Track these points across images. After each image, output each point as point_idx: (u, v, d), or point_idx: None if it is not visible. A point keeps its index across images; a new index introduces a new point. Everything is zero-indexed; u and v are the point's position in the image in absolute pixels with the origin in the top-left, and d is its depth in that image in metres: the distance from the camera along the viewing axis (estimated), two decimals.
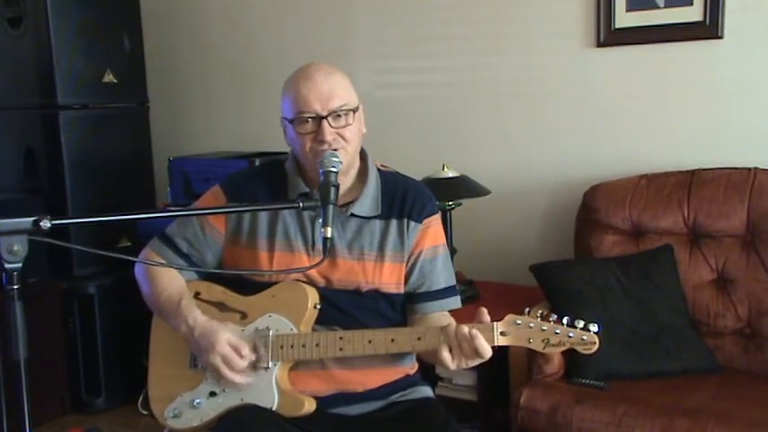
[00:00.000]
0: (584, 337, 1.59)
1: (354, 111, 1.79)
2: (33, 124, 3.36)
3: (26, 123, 3.39)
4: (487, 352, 1.61)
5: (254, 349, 1.75)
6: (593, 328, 1.59)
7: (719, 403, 2.11)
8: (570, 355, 2.28)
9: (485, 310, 1.65)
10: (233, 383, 1.74)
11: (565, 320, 1.60)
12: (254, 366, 1.75)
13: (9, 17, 3.31)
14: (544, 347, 1.61)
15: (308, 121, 1.75)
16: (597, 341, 1.59)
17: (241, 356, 1.72)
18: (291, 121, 1.78)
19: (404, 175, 1.95)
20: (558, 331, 1.59)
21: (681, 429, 2.01)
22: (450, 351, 1.63)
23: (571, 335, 1.59)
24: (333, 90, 1.75)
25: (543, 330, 1.60)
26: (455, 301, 1.91)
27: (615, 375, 2.27)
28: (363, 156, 1.88)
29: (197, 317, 1.77)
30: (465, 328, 1.61)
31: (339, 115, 1.75)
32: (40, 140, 3.35)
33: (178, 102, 3.97)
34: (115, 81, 3.40)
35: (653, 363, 2.30)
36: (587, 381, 2.26)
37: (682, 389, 2.20)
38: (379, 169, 1.90)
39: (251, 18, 3.70)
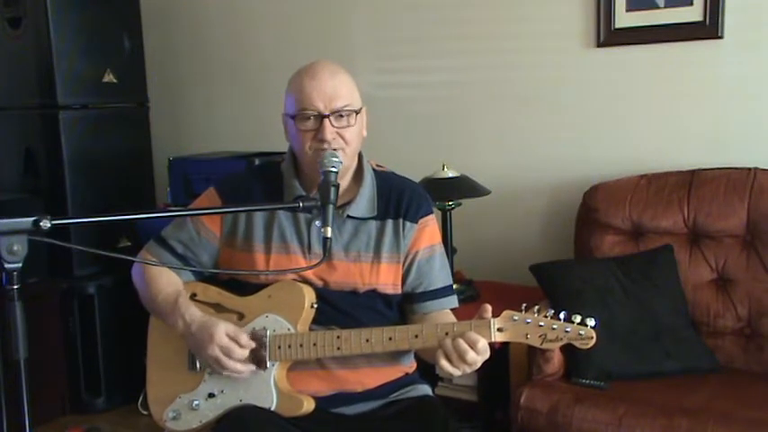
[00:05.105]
0: (582, 332, 1.59)
1: (357, 112, 1.77)
2: (33, 124, 3.36)
3: (26, 123, 3.39)
4: (482, 360, 1.62)
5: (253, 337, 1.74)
6: (590, 322, 1.59)
7: (719, 403, 2.11)
8: (570, 355, 2.28)
9: (489, 307, 1.64)
10: (234, 374, 1.73)
11: (562, 315, 1.60)
12: (252, 359, 1.74)
13: (9, 17, 3.32)
14: (541, 343, 1.61)
15: (309, 119, 1.73)
16: (594, 336, 1.59)
17: (240, 345, 1.72)
18: (293, 117, 1.77)
19: (399, 175, 1.94)
20: (554, 326, 1.59)
21: (681, 429, 2.01)
22: (449, 360, 1.63)
23: (568, 329, 1.59)
24: (337, 89, 1.74)
25: (540, 326, 1.60)
26: (453, 300, 1.91)
27: (615, 375, 2.27)
28: (359, 156, 1.86)
29: (194, 313, 1.77)
30: (463, 344, 1.60)
31: (341, 115, 1.74)
32: (39, 140, 3.35)
33: (178, 102, 3.97)
34: (115, 81, 3.40)
35: (653, 363, 2.30)
36: (587, 381, 2.26)
37: (682, 389, 2.20)
38: (374, 169, 1.89)
39: (251, 18, 3.70)
